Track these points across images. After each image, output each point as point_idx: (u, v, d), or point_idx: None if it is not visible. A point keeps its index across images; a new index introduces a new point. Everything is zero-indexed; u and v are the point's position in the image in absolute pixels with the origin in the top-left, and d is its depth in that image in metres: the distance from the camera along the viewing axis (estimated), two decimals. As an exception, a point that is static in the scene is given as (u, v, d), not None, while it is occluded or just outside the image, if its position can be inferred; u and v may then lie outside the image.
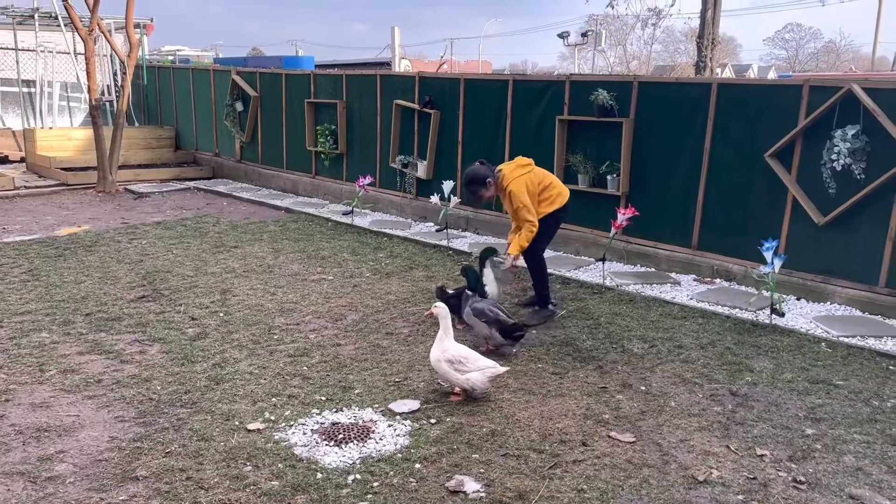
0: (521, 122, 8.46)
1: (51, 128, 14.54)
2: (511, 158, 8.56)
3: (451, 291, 5.57)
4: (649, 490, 3.39)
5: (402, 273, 7.06)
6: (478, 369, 4.16)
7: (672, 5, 20.09)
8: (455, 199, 8.22)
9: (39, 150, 13.09)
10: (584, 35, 28.38)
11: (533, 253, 5.67)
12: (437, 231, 8.90)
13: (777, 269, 5.61)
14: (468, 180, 5.72)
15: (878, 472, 3.58)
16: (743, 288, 6.62)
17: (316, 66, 21.95)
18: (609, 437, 3.88)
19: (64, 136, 13.55)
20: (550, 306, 5.80)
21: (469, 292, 5.19)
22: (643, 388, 4.52)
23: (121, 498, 3.26)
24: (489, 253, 5.63)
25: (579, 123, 7.88)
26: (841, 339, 5.36)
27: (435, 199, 8.36)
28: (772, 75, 37.87)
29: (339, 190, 10.93)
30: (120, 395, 4.30)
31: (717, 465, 3.61)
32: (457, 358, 4.16)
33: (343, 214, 9.78)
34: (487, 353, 4.64)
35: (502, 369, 4.28)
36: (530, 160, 5.77)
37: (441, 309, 4.32)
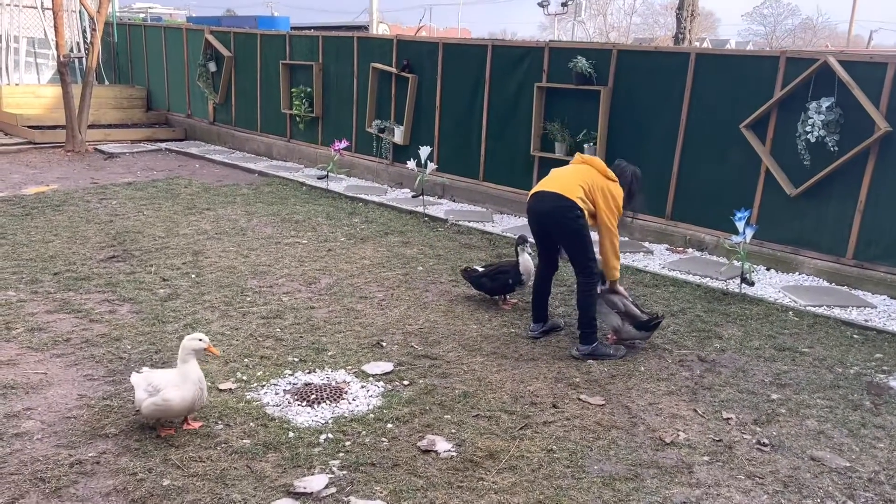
0: (500, 88, 8.39)
1: (17, 84, 14.13)
2: (489, 125, 8.58)
3: (480, 269, 5.42)
4: (617, 451, 3.44)
5: (376, 238, 7.03)
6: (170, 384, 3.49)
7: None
8: (432, 166, 8.18)
9: (6, 107, 12.75)
10: (564, 4, 28.05)
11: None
12: (412, 197, 8.85)
13: (748, 240, 5.68)
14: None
15: (839, 435, 3.67)
16: (714, 258, 6.69)
17: (292, 28, 21.51)
18: (579, 399, 3.93)
19: (31, 93, 13.20)
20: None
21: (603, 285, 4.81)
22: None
23: (90, 454, 3.23)
24: (522, 240, 5.31)
25: (557, 91, 7.85)
26: (808, 308, 5.46)
27: (411, 164, 8.30)
28: (749, 50, 37.92)
29: (314, 154, 10.80)
30: (89, 353, 4.25)
31: (683, 428, 3.68)
32: (154, 385, 3.45)
33: (318, 179, 9.69)
34: (617, 343, 4.63)
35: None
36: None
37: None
